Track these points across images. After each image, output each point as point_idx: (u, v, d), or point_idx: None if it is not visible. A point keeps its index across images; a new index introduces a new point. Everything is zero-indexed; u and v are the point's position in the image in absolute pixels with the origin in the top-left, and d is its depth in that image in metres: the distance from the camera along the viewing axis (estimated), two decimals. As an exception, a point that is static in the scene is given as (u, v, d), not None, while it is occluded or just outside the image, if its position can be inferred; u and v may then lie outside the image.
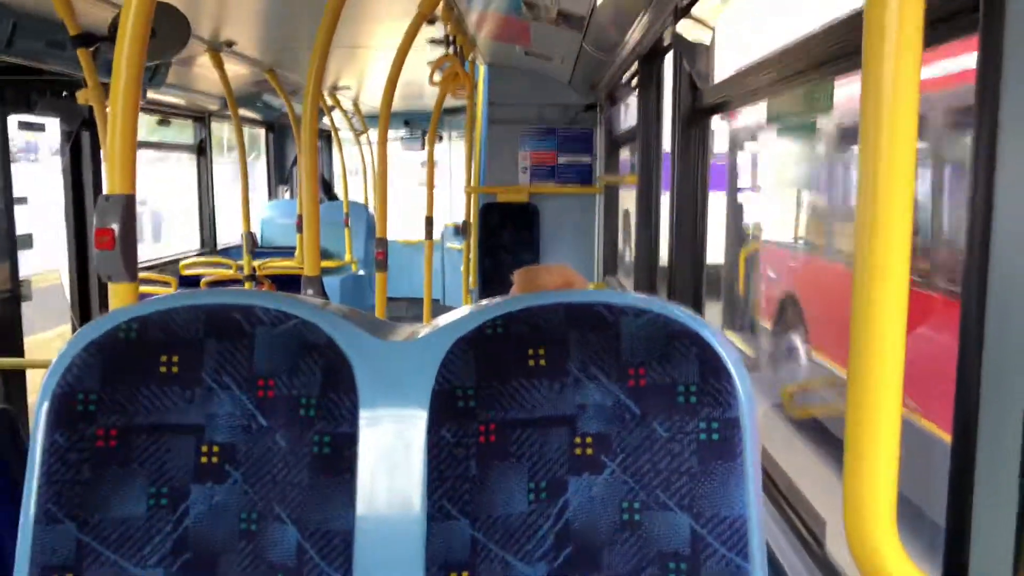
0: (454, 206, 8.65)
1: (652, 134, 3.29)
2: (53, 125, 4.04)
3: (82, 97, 3.31)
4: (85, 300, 4.11)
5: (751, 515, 1.11)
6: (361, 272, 6.99)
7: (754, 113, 4.19)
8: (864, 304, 0.64)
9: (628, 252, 5.70)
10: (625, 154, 5.29)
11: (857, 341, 0.64)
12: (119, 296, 1.46)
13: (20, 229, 3.70)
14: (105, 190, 1.46)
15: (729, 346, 1.17)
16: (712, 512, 1.12)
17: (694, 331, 1.16)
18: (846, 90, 3.09)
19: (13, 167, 3.67)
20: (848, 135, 3.45)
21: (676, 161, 2.47)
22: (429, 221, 4.82)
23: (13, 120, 3.74)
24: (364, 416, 1.18)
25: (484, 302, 1.28)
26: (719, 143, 4.41)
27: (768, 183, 4.97)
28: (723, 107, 2.27)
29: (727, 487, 1.12)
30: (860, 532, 0.62)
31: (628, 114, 4.82)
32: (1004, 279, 0.73)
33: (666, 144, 2.85)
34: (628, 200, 5.20)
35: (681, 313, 1.18)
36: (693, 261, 2.38)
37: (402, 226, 7.39)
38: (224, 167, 6.85)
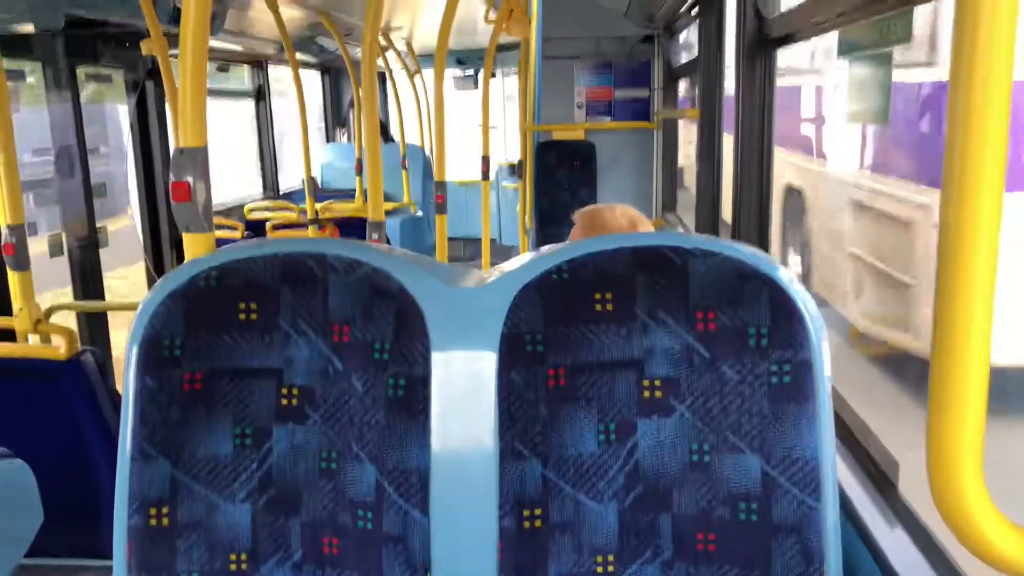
0: (508, 145, 8.58)
1: (714, 66, 3.19)
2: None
3: (145, 47, 3.36)
4: (157, 247, 4.25)
5: (823, 456, 1.12)
6: (419, 213, 7.04)
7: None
8: (953, 246, 0.62)
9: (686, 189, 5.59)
10: (684, 89, 5.14)
11: (945, 284, 0.62)
12: (196, 245, 1.51)
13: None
14: (176, 143, 1.49)
15: (801, 287, 1.15)
16: (784, 454, 1.13)
17: (765, 273, 1.15)
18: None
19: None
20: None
21: (740, 95, 2.40)
22: (486, 160, 4.79)
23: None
24: (436, 359, 1.21)
25: (548, 248, 1.29)
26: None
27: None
28: (791, 38, 2.18)
29: (799, 429, 1.12)
30: (945, 482, 0.62)
31: (688, 46, 4.67)
32: None
33: (729, 78, 2.76)
34: (687, 136, 5.08)
35: (751, 254, 1.17)
36: (759, 199, 2.33)
37: (456, 166, 7.38)
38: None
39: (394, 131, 7.73)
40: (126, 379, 1.24)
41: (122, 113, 4.23)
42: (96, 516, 1.37)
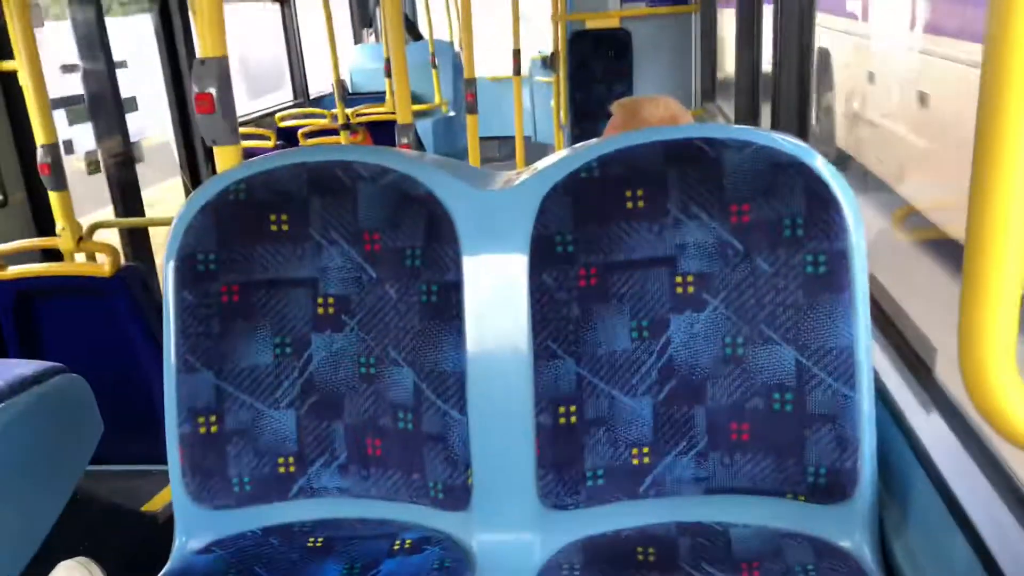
0: (540, 37, 8.30)
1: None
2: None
3: (163, -47, 3.27)
4: (193, 160, 4.26)
5: (859, 345, 1.11)
6: (451, 113, 6.92)
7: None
8: (990, 119, 0.58)
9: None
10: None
11: (982, 157, 0.59)
12: (224, 158, 1.51)
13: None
14: (198, 53, 1.47)
15: (838, 174, 1.12)
16: (818, 344, 1.12)
17: (801, 161, 1.11)
18: None
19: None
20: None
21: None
22: (517, 55, 4.65)
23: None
24: (467, 264, 1.22)
25: (579, 145, 1.26)
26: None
27: None
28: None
29: (834, 319, 1.11)
30: (975, 360, 0.60)
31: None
32: None
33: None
34: (727, 19, 4.85)
35: (787, 142, 1.13)
36: (800, 84, 2.23)
37: (488, 62, 7.17)
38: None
39: (423, 29, 7.51)
40: (165, 294, 1.27)
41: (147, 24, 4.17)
42: (153, 424, 1.44)
